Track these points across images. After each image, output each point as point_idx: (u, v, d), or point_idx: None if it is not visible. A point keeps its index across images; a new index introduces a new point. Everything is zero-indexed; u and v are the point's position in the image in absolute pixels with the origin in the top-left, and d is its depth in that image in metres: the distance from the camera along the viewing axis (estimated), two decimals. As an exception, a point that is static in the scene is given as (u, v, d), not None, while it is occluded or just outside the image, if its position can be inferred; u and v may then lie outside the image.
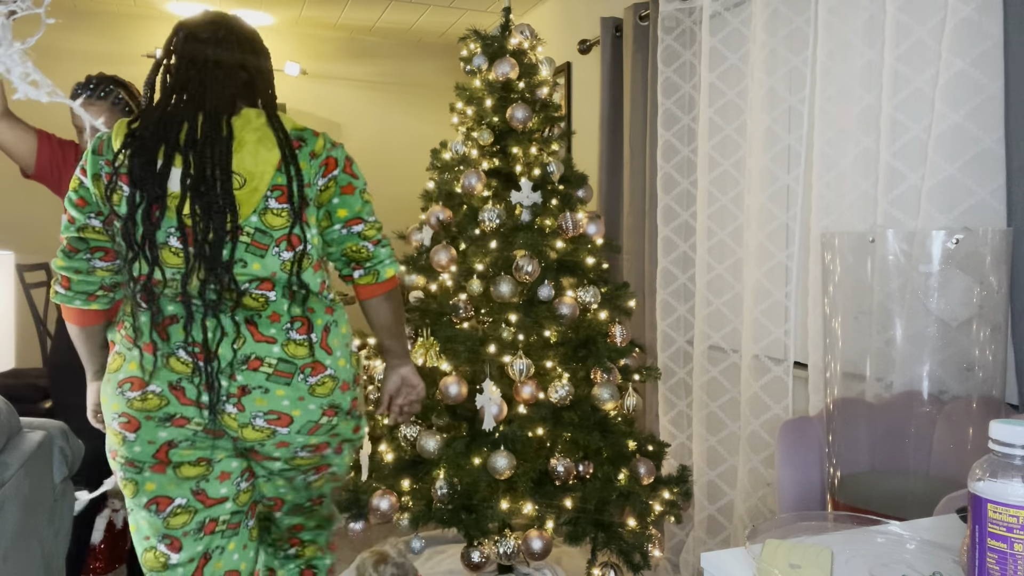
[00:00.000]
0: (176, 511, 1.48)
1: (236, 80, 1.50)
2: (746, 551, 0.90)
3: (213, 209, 1.41)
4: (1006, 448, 0.72)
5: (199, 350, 1.43)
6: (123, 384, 1.46)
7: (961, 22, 1.71)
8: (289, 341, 1.46)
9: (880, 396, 1.65)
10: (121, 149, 1.42)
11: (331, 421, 1.50)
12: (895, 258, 1.60)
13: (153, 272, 1.43)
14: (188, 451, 1.47)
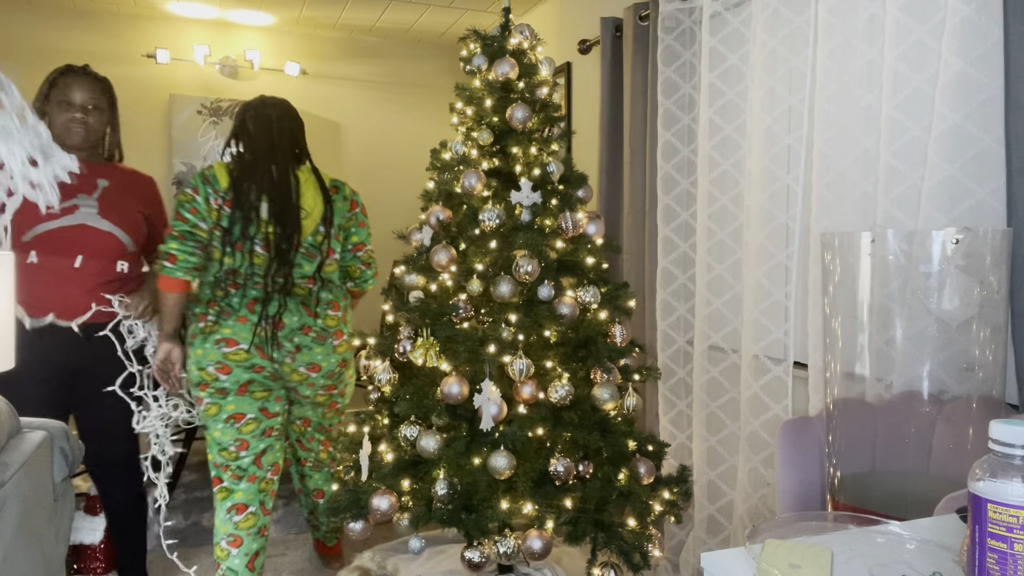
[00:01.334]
0: (248, 422, 2.34)
1: (293, 144, 2.38)
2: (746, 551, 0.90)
3: (287, 231, 2.28)
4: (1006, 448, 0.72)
5: (271, 321, 2.28)
6: (220, 342, 2.27)
7: (961, 22, 1.71)
8: (326, 316, 2.36)
9: (880, 396, 1.65)
10: (229, 187, 2.27)
11: (341, 371, 2.44)
12: (895, 258, 1.60)
13: (242, 267, 2.28)
14: (259, 386, 2.33)
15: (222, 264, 2.27)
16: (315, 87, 4.76)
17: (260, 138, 2.33)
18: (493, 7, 4.25)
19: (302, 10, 4.30)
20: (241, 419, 2.31)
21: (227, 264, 2.26)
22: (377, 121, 4.93)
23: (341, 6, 4.23)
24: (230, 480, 2.33)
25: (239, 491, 2.34)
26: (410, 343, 2.14)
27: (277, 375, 2.32)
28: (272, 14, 4.38)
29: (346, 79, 4.84)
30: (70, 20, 4.24)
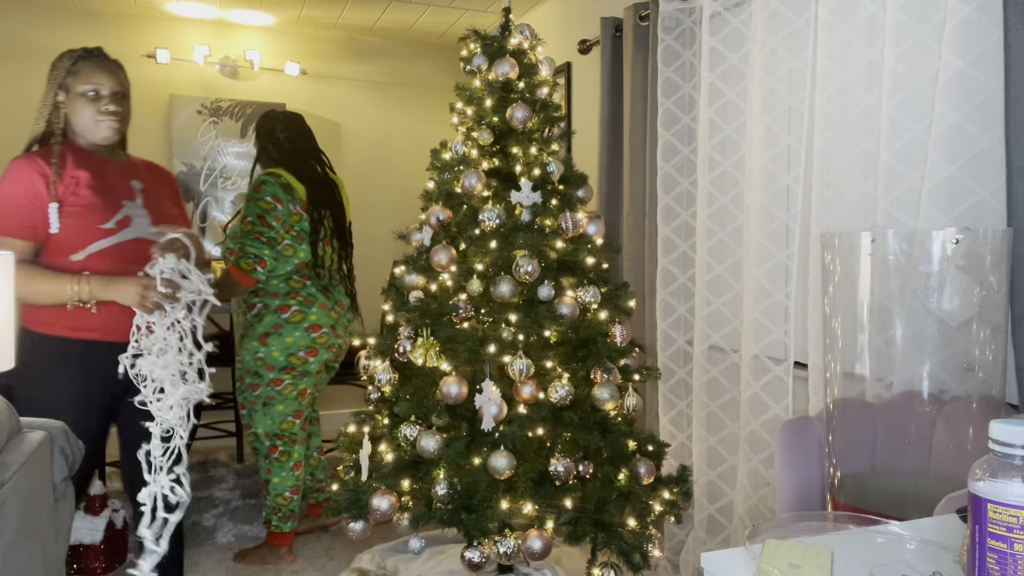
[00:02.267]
0: (309, 396, 2.87)
1: (320, 152, 2.95)
2: (746, 551, 0.90)
3: (339, 227, 2.88)
4: (1006, 448, 0.72)
5: (340, 308, 2.85)
6: (308, 328, 2.73)
7: (961, 22, 1.71)
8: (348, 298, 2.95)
9: (880, 396, 1.65)
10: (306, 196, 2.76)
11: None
12: (895, 258, 1.60)
13: (319, 262, 2.77)
14: (326, 364, 2.83)
15: (294, 260, 2.72)
16: (315, 87, 4.76)
17: (302, 147, 2.85)
18: (493, 7, 4.25)
19: (302, 10, 4.30)
20: (305, 395, 2.83)
21: (300, 259, 2.73)
22: (377, 121, 4.93)
23: (341, 6, 4.23)
24: (286, 445, 2.84)
25: (295, 452, 2.87)
26: (410, 343, 2.14)
27: (338, 351, 2.87)
28: (272, 14, 4.38)
29: (346, 79, 4.84)
30: (70, 20, 4.24)
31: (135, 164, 2.13)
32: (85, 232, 1.92)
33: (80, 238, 1.92)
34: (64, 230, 1.90)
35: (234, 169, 4.54)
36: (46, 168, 1.91)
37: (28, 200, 1.87)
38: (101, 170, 2.00)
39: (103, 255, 1.94)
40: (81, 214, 1.91)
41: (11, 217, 1.87)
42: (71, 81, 2.00)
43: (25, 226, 1.87)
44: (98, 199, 1.94)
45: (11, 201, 1.87)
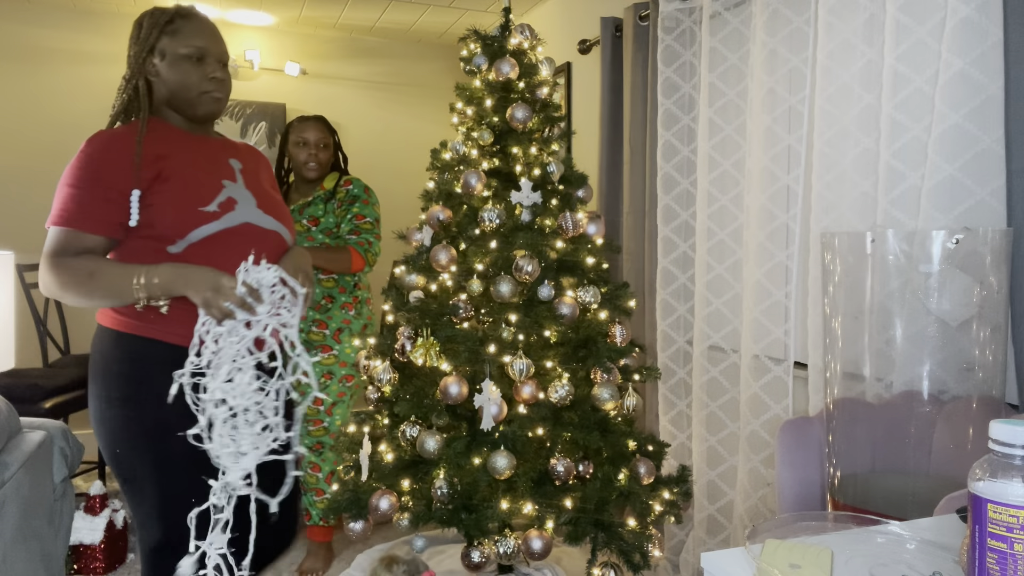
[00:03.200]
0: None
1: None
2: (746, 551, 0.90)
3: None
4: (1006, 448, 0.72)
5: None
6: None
7: (961, 22, 1.71)
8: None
9: (880, 396, 1.65)
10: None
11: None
12: (895, 258, 1.60)
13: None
14: None
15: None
16: (315, 87, 4.76)
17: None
18: (493, 7, 4.25)
19: (302, 10, 4.30)
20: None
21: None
22: (377, 121, 4.93)
23: (341, 6, 4.23)
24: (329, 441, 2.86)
25: (332, 454, 2.88)
26: (410, 343, 2.14)
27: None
28: (272, 14, 4.37)
29: (346, 79, 4.84)
30: (70, 20, 4.24)
31: (231, 142, 1.79)
32: (182, 217, 1.52)
33: (176, 225, 1.52)
34: (156, 218, 1.51)
35: (234, 169, 4.55)
36: (128, 148, 1.52)
37: (105, 188, 1.48)
38: (195, 148, 1.63)
39: (207, 245, 1.54)
40: (176, 197, 1.53)
41: (84, 207, 1.48)
42: (168, 43, 1.61)
43: (99, 218, 1.48)
44: (195, 178, 1.56)
45: (84, 188, 1.48)
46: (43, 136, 4.17)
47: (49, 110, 4.19)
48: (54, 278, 1.45)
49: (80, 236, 1.48)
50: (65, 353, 3.78)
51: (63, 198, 1.48)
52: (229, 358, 1.42)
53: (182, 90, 1.60)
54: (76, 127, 4.21)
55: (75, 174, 1.49)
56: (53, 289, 1.45)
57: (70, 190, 1.48)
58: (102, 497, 2.77)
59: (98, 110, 4.24)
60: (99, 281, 1.45)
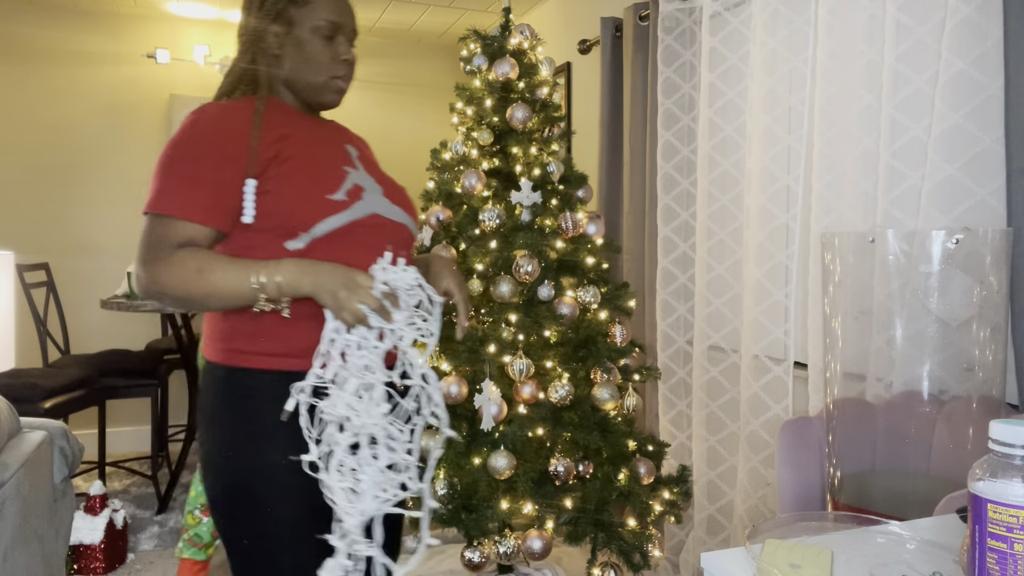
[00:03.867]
0: None
1: None
2: (746, 551, 0.90)
3: None
4: (1006, 448, 0.72)
5: None
6: None
7: (961, 22, 1.71)
8: None
9: (880, 396, 1.65)
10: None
11: None
12: (895, 258, 1.60)
13: None
14: None
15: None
16: (315, 87, 4.76)
17: None
18: (493, 7, 4.25)
19: (302, 10, 4.30)
20: None
21: None
22: (377, 121, 4.93)
23: (341, 6, 4.23)
24: None
25: None
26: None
27: None
28: (272, 14, 4.38)
29: (346, 79, 4.84)
30: (70, 20, 4.24)
31: (342, 126, 1.54)
32: (306, 206, 1.25)
33: (299, 215, 1.25)
34: (274, 207, 1.24)
35: (234, 169, 4.55)
36: (245, 126, 1.26)
37: (216, 169, 1.22)
38: (314, 129, 1.38)
39: (334, 240, 1.27)
40: (299, 183, 1.27)
41: (191, 191, 1.21)
42: (296, 13, 1.37)
43: (208, 205, 1.22)
44: (318, 161, 1.31)
45: (191, 169, 1.22)
46: (43, 136, 4.17)
47: (49, 110, 4.19)
48: (153, 274, 1.17)
49: (184, 226, 1.20)
50: (65, 353, 3.78)
51: (164, 179, 1.21)
52: (357, 373, 1.19)
53: (307, 71, 1.34)
54: (76, 127, 4.21)
55: (180, 151, 1.22)
56: (151, 288, 1.18)
57: (174, 170, 1.22)
58: (102, 497, 2.78)
59: (98, 110, 4.24)
60: (210, 279, 1.18)
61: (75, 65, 4.24)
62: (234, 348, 1.27)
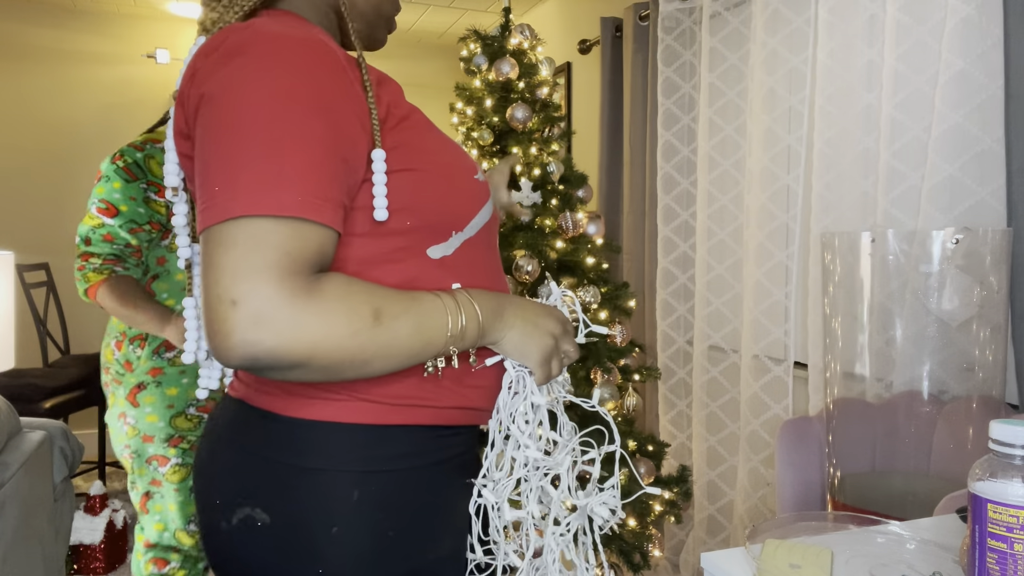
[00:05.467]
0: None
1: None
2: (746, 551, 0.90)
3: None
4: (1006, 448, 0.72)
5: None
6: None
7: (961, 22, 1.71)
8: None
9: (880, 396, 1.65)
10: None
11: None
12: (895, 258, 1.60)
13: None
14: None
15: None
16: (315, 87, 4.76)
17: None
18: (493, 7, 4.25)
19: (302, 10, 4.30)
20: None
21: None
22: (377, 121, 4.93)
23: (341, 6, 4.23)
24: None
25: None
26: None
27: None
28: (272, 14, 4.38)
29: (346, 79, 4.84)
30: (70, 20, 4.24)
31: None
32: (459, 191, 0.84)
33: (454, 205, 0.83)
34: (410, 196, 0.79)
35: (234, 169, 4.54)
36: (346, 66, 0.76)
37: (334, 137, 0.71)
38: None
39: (478, 242, 0.87)
40: (441, 156, 0.84)
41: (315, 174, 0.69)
42: None
43: (331, 197, 0.71)
44: (434, 127, 0.87)
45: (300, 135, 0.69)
46: (43, 136, 4.17)
47: (49, 110, 4.19)
48: (296, 326, 0.66)
49: (316, 234, 0.69)
50: (65, 353, 3.78)
51: (264, 157, 0.68)
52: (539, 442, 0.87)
53: (374, 14, 0.92)
54: (76, 127, 4.21)
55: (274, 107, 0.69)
56: (284, 352, 0.66)
57: (271, 138, 0.68)
58: (102, 497, 2.78)
59: (98, 110, 4.24)
60: (393, 328, 0.72)
61: (75, 65, 4.24)
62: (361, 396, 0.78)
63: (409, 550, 0.80)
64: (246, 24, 0.74)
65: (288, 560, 0.77)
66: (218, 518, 0.80)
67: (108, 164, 1.70)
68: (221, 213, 0.67)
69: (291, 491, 0.77)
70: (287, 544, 0.76)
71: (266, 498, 0.77)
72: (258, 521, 0.77)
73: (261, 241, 0.65)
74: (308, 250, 0.68)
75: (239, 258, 0.65)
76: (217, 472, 0.81)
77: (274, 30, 0.73)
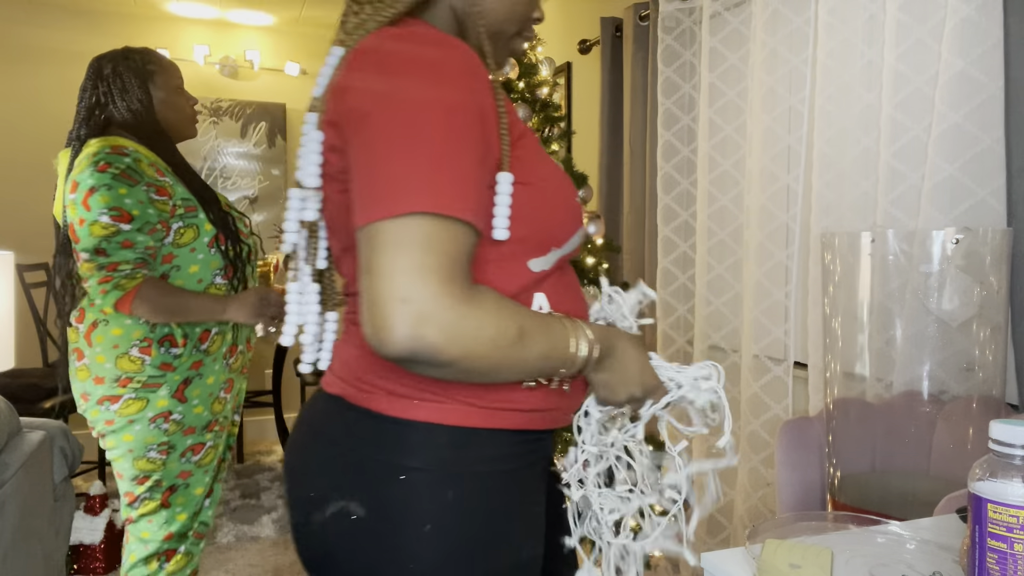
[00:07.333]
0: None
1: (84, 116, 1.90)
2: (746, 551, 0.90)
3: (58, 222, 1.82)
4: (1006, 448, 0.72)
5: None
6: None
7: (961, 22, 1.71)
8: (71, 326, 1.78)
9: (880, 396, 1.65)
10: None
11: (83, 404, 1.77)
12: (895, 258, 1.60)
13: None
14: None
15: None
16: (315, 87, 4.76)
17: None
18: (493, 7, 4.25)
19: (302, 10, 4.30)
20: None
21: None
22: (377, 121, 4.93)
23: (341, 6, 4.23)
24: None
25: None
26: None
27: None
28: (272, 14, 4.38)
29: (346, 79, 4.84)
30: (70, 20, 4.24)
31: None
32: (566, 209, 0.89)
33: (560, 222, 0.88)
34: (532, 211, 0.84)
35: (234, 169, 4.54)
36: (490, 86, 0.80)
37: (481, 151, 0.76)
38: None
39: (565, 264, 0.94)
40: (553, 175, 0.89)
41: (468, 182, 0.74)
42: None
43: (478, 207, 0.76)
44: (550, 157, 0.94)
45: (459, 145, 0.74)
46: (43, 137, 4.17)
47: (49, 110, 4.19)
48: (456, 328, 0.70)
49: (471, 236, 0.74)
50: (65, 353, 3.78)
51: (430, 161, 0.72)
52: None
53: (508, 23, 0.92)
54: (76, 127, 4.21)
55: (446, 114, 0.73)
56: (440, 351, 0.70)
57: (437, 142, 0.72)
58: (102, 497, 2.78)
59: (98, 110, 4.24)
60: (530, 346, 0.76)
61: (76, 65, 4.24)
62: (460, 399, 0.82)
63: (494, 552, 0.83)
64: (407, 32, 0.79)
65: (380, 554, 0.79)
66: (312, 511, 0.83)
67: (96, 174, 1.66)
68: (391, 208, 0.70)
69: (388, 487, 0.79)
70: (380, 539, 0.79)
71: (362, 493, 0.80)
72: (353, 515, 0.80)
73: (428, 243, 0.70)
74: (463, 253, 0.72)
75: (408, 259, 0.69)
76: (313, 467, 0.85)
77: (436, 37, 0.78)
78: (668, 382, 0.95)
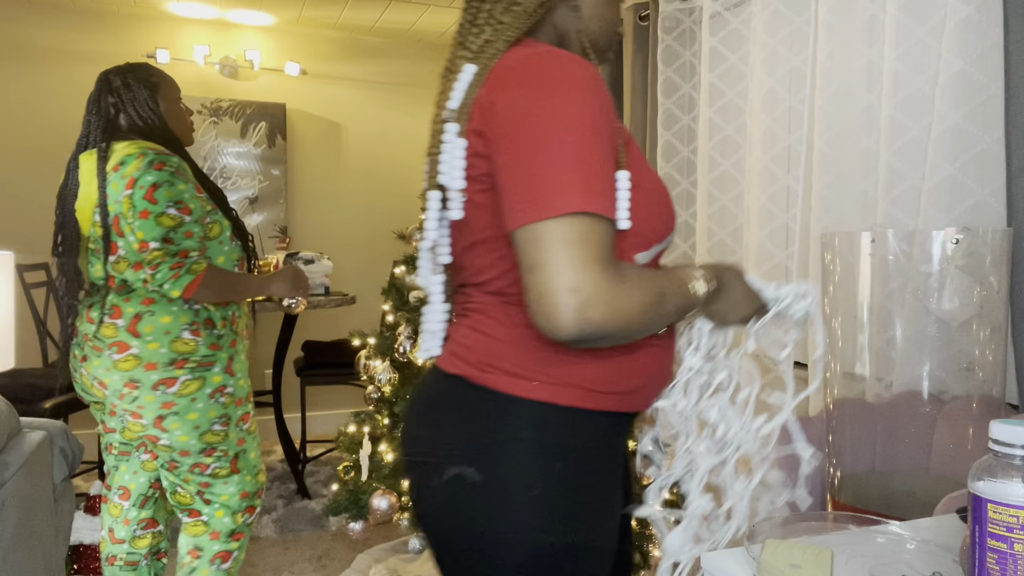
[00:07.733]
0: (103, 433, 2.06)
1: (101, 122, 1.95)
2: (746, 551, 0.90)
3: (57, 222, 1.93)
4: (1006, 448, 0.72)
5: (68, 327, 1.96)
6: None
7: (961, 22, 1.71)
8: (103, 323, 1.85)
9: (880, 396, 1.65)
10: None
11: (135, 395, 1.84)
12: (895, 258, 1.60)
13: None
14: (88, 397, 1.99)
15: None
16: (315, 87, 4.76)
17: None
18: (493, 7, 4.25)
19: (302, 10, 4.30)
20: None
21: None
22: (377, 121, 4.93)
23: (341, 6, 4.23)
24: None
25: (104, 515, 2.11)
26: (410, 343, 2.14)
27: (83, 388, 1.98)
28: (272, 14, 4.38)
29: (346, 79, 4.84)
30: (70, 20, 4.24)
31: None
32: (667, 208, 1.01)
33: (664, 219, 0.99)
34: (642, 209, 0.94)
35: (234, 169, 4.54)
36: (609, 97, 0.90)
37: (610, 155, 0.87)
38: None
39: (657, 261, 1.04)
40: (655, 177, 1.00)
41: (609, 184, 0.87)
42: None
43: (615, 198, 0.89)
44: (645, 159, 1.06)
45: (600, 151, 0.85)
46: (43, 137, 4.18)
47: (49, 110, 4.19)
48: (620, 302, 0.82)
49: (613, 229, 0.86)
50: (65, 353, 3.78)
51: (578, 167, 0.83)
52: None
53: (603, 33, 1.04)
54: (76, 127, 4.21)
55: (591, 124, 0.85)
56: (608, 323, 0.81)
57: (584, 149, 0.83)
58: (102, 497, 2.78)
59: (98, 110, 4.24)
60: (669, 302, 0.89)
61: (75, 65, 4.24)
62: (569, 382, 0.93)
63: (586, 523, 0.94)
64: (543, 51, 0.89)
65: (492, 514, 0.91)
66: (430, 476, 0.95)
67: (154, 171, 1.79)
68: (552, 209, 0.81)
69: (504, 456, 0.91)
70: (493, 501, 0.91)
71: (479, 460, 0.91)
72: (468, 480, 0.91)
73: (587, 238, 0.81)
74: (610, 244, 0.84)
75: (573, 253, 0.80)
76: (431, 436, 0.96)
77: (568, 56, 0.89)
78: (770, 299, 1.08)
